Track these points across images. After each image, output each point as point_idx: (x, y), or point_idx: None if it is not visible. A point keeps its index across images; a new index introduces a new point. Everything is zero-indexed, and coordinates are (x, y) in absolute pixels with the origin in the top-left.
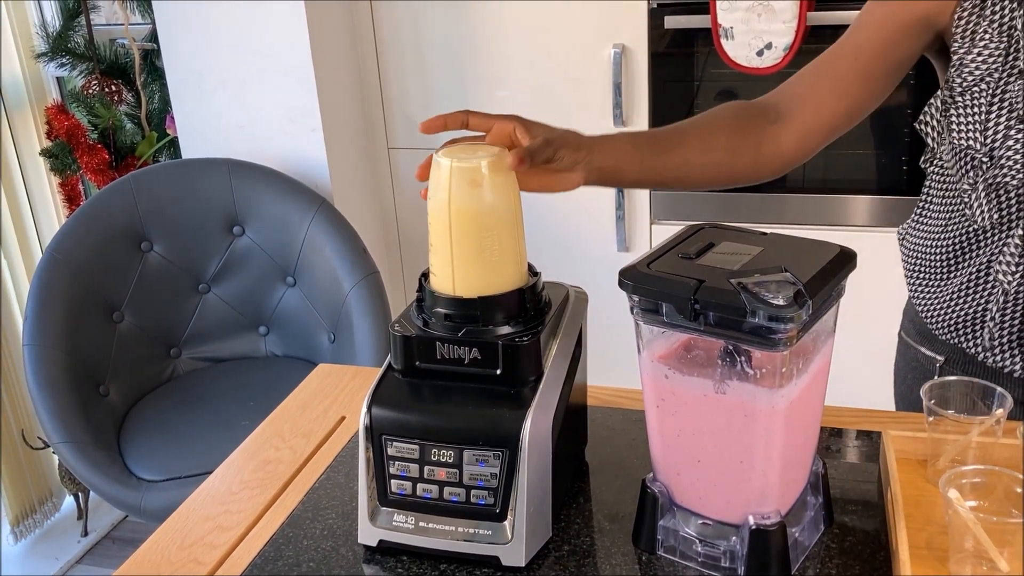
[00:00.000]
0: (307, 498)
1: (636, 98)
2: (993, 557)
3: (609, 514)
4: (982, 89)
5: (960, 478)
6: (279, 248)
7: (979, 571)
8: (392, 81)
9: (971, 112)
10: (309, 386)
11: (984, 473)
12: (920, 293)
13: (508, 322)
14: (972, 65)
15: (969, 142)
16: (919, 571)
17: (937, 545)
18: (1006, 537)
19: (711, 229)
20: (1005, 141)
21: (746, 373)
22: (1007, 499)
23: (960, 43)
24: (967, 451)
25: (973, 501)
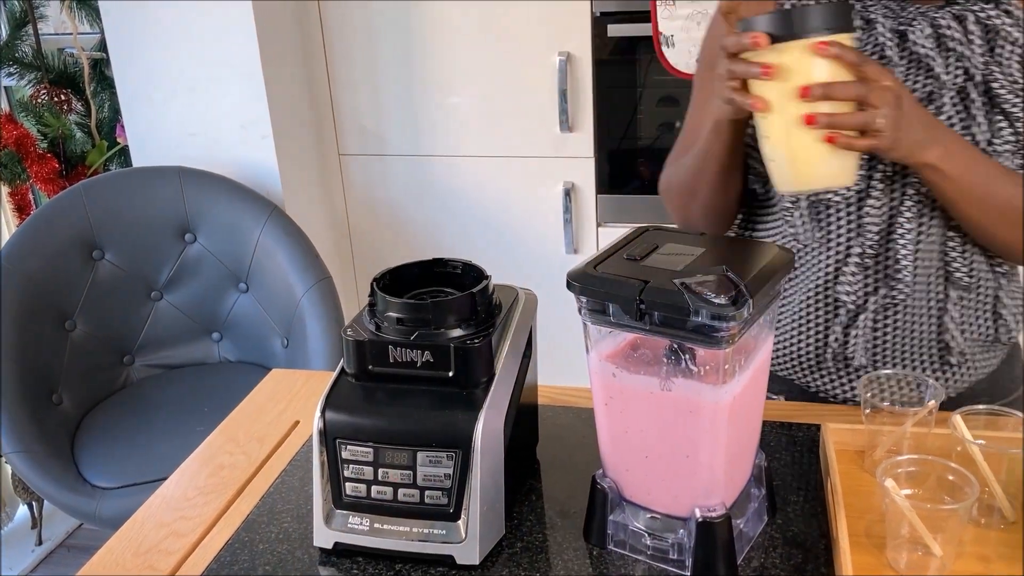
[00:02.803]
0: (262, 502)
1: (581, 104)
2: (927, 542)
3: (561, 510)
4: None
5: (896, 468)
6: (231, 255)
7: (914, 556)
8: (342, 88)
9: None
10: (263, 391)
11: (918, 462)
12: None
13: (459, 325)
14: None
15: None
16: (858, 558)
17: (875, 532)
18: (939, 523)
19: (655, 232)
20: None
21: (690, 370)
22: (940, 486)
23: None
24: (902, 441)
25: (908, 489)
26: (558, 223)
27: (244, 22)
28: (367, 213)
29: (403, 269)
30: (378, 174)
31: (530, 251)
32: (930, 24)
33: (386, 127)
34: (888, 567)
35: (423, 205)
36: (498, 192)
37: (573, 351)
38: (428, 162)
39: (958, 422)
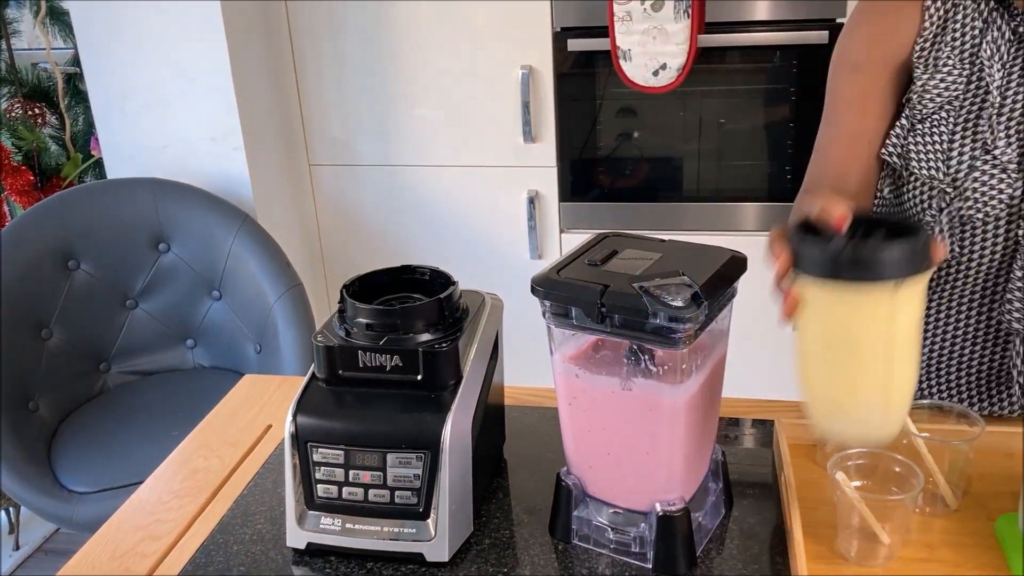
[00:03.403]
0: (236, 505)
1: (543, 116)
2: (876, 531)
3: (527, 507)
4: (943, 117)
5: (846, 461)
6: (204, 263)
7: (864, 544)
8: (312, 101)
9: (933, 140)
10: (236, 396)
11: (867, 455)
12: None
13: (427, 329)
14: (935, 92)
15: (932, 171)
16: (811, 548)
17: (827, 523)
18: (887, 513)
19: (615, 237)
20: (971, 172)
21: (650, 370)
22: (887, 478)
23: (923, 70)
24: None
25: (858, 481)
26: (522, 230)
27: (215, 37)
28: (337, 221)
29: (372, 276)
30: (348, 183)
31: (496, 257)
32: None
33: (355, 138)
34: (839, 556)
35: (392, 213)
36: (465, 200)
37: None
38: (396, 172)
39: None
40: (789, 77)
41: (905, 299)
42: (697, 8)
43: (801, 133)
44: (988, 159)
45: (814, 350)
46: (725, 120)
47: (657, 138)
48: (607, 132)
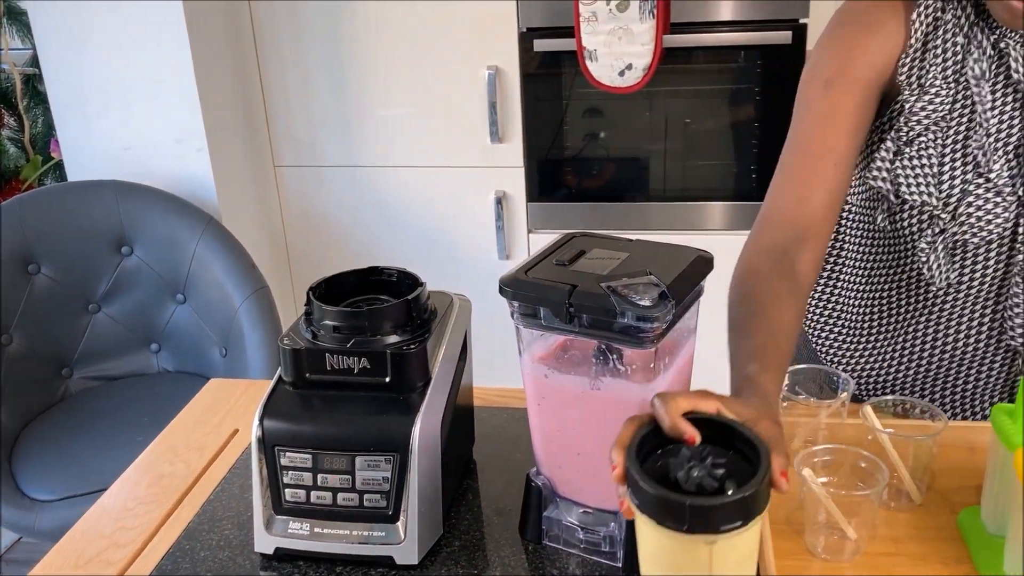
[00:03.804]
0: (203, 510)
1: (510, 116)
2: (843, 526)
3: (497, 508)
4: (930, 139)
5: (812, 457)
6: (168, 266)
7: (831, 540)
8: (276, 101)
9: (922, 163)
10: (202, 401)
11: (833, 451)
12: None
13: (395, 331)
14: (922, 113)
15: (924, 197)
16: (779, 544)
17: (794, 519)
18: (853, 508)
19: (582, 237)
20: (964, 197)
21: (618, 370)
22: (853, 473)
23: (910, 90)
24: (817, 432)
25: (824, 477)
26: (490, 230)
27: (177, 37)
28: (303, 223)
29: (339, 278)
30: (313, 185)
31: (464, 258)
32: None
33: (320, 139)
34: (807, 551)
35: (359, 215)
36: (432, 201)
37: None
38: (363, 172)
39: (868, 412)
40: (753, 77)
41: (723, 549)
42: (662, 9)
43: (766, 133)
44: (981, 182)
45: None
46: (691, 120)
47: (624, 138)
48: (574, 132)
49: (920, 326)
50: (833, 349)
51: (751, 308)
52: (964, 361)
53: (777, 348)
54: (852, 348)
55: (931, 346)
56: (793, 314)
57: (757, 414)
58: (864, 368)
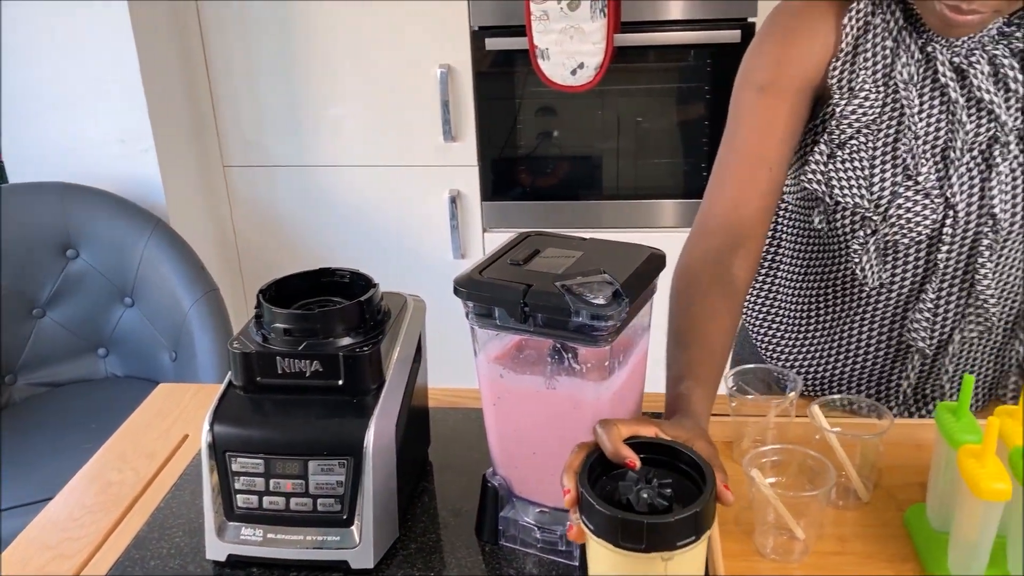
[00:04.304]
0: (152, 518)
1: (463, 114)
2: (791, 527)
3: (453, 510)
4: (861, 142)
5: (760, 458)
6: (115, 269)
7: (780, 540)
8: (224, 100)
9: (853, 166)
10: (151, 406)
11: (781, 451)
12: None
13: (348, 333)
14: (853, 116)
15: (855, 199)
16: (729, 545)
17: (744, 520)
18: (801, 508)
19: (537, 236)
20: (895, 199)
21: (573, 368)
22: (801, 473)
23: (840, 96)
24: (766, 431)
25: (773, 477)
26: (445, 230)
27: (122, 36)
28: (254, 224)
29: (290, 280)
30: (263, 185)
31: (418, 258)
32: (989, 62)
33: (270, 138)
34: (756, 552)
35: (310, 215)
36: (385, 201)
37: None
38: (314, 172)
39: (816, 412)
40: (703, 76)
41: (679, 563)
42: (612, 8)
43: (715, 131)
44: (910, 184)
45: None
46: (642, 119)
47: (576, 137)
48: (527, 131)
49: (855, 323)
50: (772, 345)
51: (689, 321)
52: (898, 358)
53: (712, 363)
54: (791, 345)
55: (865, 343)
56: (728, 324)
57: (691, 435)
58: (802, 364)
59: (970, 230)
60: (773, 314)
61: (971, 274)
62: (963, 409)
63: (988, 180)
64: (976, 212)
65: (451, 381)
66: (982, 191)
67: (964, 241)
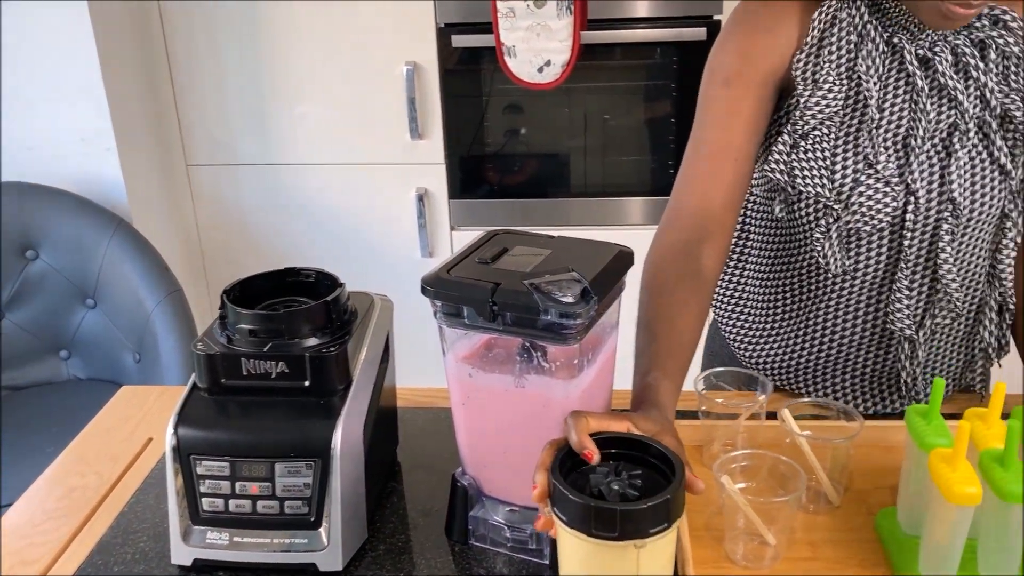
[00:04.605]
0: (116, 523)
1: (430, 112)
2: (762, 532)
3: (422, 510)
4: (824, 133)
5: (731, 463)
6: (77, 270)
7: (750, 546)
8: (187, 98)
9: (815, 156)
10: (114, 409)
11: (751, 456)
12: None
13: (314, 334)
14: (815, 108)
15: (817, 188)
16: (699, 552)
17: (714, 526)
18: (772, 514)
19: (505, 235)
20: (856, 187)
21: (542, 367)
22: (772, 477)
23: (804, 88)
24: (737, 435)
25: (743, 483)
26: (413, 228)
27: (82, 33)
28: (218, 224)
29: (254, 280)
30: (228, 184)
31: (386, 257)
32: (951, 51)
33: (234, 136)
34: (726, 559)
35: (276, 214)
36: (351, 199)
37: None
38: (279, 171)
39: (786, 415)
40: (670, 73)
41: (651, 551)
42: (579, 5)
43: (682, 129)
44: (871, 172)
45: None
46: (609, 116)
47: (544, 134)
48: (495, 128)
49: (820, 312)
50: (742, 336)
51: (657, 312)
52: (863, 346)
53: (679, 355)
54: (758, 335)
55: (830, 332)
56: (697, 316)
57: (660, 428)
58: (772, 355)
59: (931, 216)
60: (742, 306)
61: (933, 260)
62: (933, 412)
63: (947, 167)
64: (936, 198)
65: (420, 381)
66: (942, 177)
67: (926, 227)
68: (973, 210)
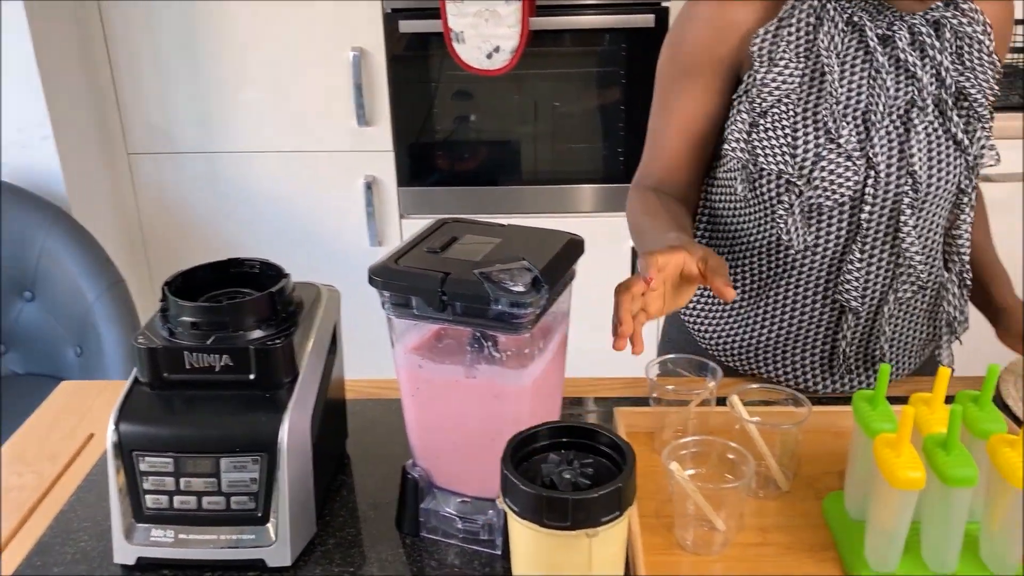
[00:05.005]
0: (56, 523)
1: (377, 99)
2: (711, 518)
3: (373, 503)
4: (783, 110)
5: (680, 449)
6: (13, 262)
7: (700, 532)
8: (127, 85)
9: (776, 134)
10: (53, 405)
11: (700, 443)
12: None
13: (259, 326)
14: (773, 85)
15: (780, 166)
16: (649, 539)
17: (664, 512)
18: (721, 500)
19: (454, 223)
20: (818, 162)
21: (493, 356)
22: (721, 463)
23: (759, 65)
24: (688, 421)
25: (692, 469)
26: (361, 217)
27: (15, 18)
28: (161, 213)
29: (197, 271)
30: (170, 173)
31: (333, 246)
32: (908, 30)
33: (176, 124)
34: (676, 545)
35: (220, 204)
36: (298, 188)
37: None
38: (223, 159)
39: (735, 402)
40: (619, 60)
41: (603, 540)
42: None
43: (631, 116)
44: (833, 147)
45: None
46: (559, 103)
47: (494, 121)
48: (444, 115)
49: (780, 290)
50: (701, 318)
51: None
52: (822, 323)
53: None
54: (719, 317)
55: (791, 310)
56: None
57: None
58: (731, 336)
59: (891, 190)
60: (703, 289)
61: (892, 234)
62: (879, 397)
63: (907, 141)
64: (896, 172)
65: (369, 372)
66: (901, 151)
67: (886, 201)
68: (931, 184)
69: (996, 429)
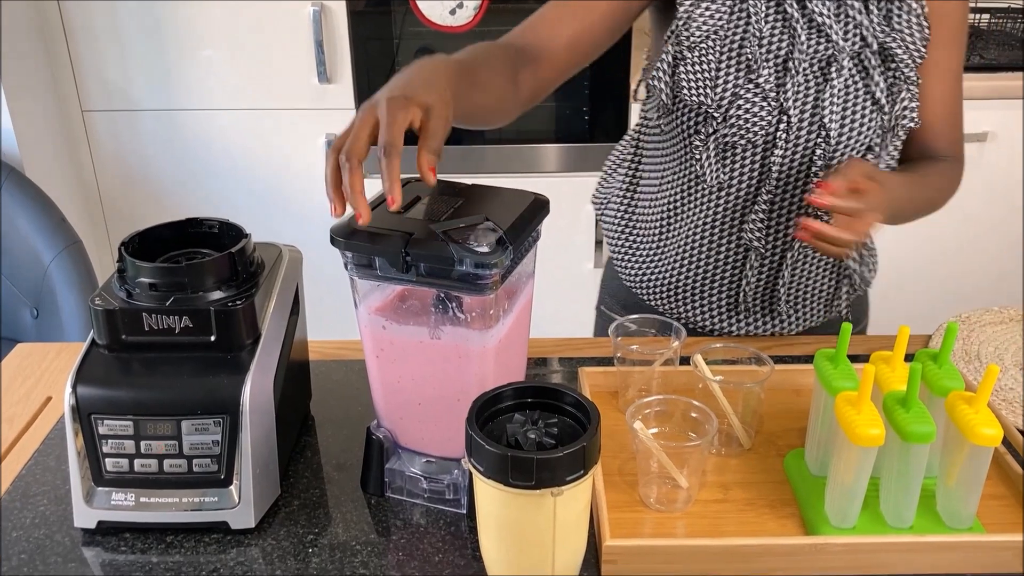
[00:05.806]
0: (14, 487)
1: (339, 55)
2: (674, 475)
3: (337, 464)
4: (710, 45)
5: (644, 409)
6: None
7: (663, 490)
8: (81, 41)
9: (701, 68)
10: (8, 368)
11: (663, 402)
12: (629, 263)
13: (219, 287)
14: (700, 20)
15: (700, 98)
16: (612, 496)
17: (628, 471)
18: (684, 458)
19: (417, 183)
20: (735, 100)
21: (458, 318)
22: (684, 421)
23: (690, 3)
24: (652, 381)
25: (656, 427)
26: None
27: None
28: (117, 172)
29: (155, 231)
30: (126, 131)
31: (294, 206)
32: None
33: (133, 81)
34: (640, 503)
35: (178, 162)
36: (257, 146)
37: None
38: (180, 117)
39: (699, 361)
40: None
41: (567, 498)
42: None
43: (596, 74)
44: (751, 87)
45: (488, 530)
46: None
47: None
48: None
49: (698, 230)
50: (628, 257)
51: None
52: (728, 263)
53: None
54: (645, 260)
55: (707, 250)
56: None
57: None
58: (655, 278)
59: (802, 137)
60: (631, 227)
61: (804, 180)
62: (840, 356)
63: (823, 92)
64: (808, 121)
65: (334, 333)
66: (816, 102)
67: (797, 147)
68: (843, 135)
69: (954, 386)
